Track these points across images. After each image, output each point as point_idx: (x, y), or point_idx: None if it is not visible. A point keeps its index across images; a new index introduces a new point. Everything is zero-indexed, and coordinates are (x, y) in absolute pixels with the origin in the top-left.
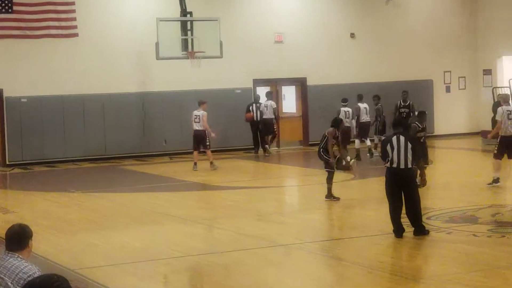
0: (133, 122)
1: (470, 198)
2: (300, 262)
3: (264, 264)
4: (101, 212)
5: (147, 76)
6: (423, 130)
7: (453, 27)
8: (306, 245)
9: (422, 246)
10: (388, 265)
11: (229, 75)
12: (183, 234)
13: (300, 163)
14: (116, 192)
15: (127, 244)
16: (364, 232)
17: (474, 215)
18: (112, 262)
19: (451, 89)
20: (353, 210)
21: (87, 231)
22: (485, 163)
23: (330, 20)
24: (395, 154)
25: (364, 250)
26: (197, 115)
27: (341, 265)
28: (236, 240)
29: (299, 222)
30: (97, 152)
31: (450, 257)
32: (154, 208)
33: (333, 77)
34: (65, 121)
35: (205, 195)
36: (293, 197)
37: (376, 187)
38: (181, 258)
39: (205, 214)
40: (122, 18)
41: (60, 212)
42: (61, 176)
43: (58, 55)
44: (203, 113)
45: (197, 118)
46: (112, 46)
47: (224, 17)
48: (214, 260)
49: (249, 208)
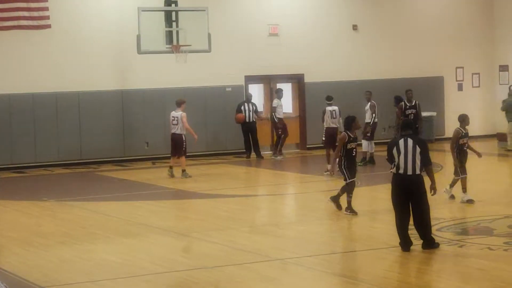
0: (112, 123)
1: (485, 207)
2: (297, 279)
3: (258, 281)
4: (76, 223)
5: (127, 72)
6: (466, 136)
7: (466, 18)
8: (304, 259)
9: (432, 261)
10: (394, 282)
11: (218, 71)
12: (167, 247)
13: (297, 169)
14: (93, 200)
15: (105, 259)
16: (369, 246)
17: (488, 227)
18: (88, 279)
19: (464, 87)
20: (356, 221)
21: (61, 245)
22: (502, 169)
23: (330, 11)
24: (401, 159)
25: (368, 266)
26: (175, 117)
27: (342, 282)
28: (227, 254)
29: (296, 234)
30: (72, 156)
31: (463, 273)
32: (135, 218)
33: (333, 74)
34: (36, 121)
35: (192, 204)
36: (290, 206)
37: (381, 196)
38: (165, 274)
39: (192, 226)
40: (99, 7)
41: (31, 223)
42: (32, 183)
43: (29, 48)
44: (181, 114)
45: (175, 120)
46: (88, 39)
47: (213, 7)
48: (202, 277)
49: (242, 219)
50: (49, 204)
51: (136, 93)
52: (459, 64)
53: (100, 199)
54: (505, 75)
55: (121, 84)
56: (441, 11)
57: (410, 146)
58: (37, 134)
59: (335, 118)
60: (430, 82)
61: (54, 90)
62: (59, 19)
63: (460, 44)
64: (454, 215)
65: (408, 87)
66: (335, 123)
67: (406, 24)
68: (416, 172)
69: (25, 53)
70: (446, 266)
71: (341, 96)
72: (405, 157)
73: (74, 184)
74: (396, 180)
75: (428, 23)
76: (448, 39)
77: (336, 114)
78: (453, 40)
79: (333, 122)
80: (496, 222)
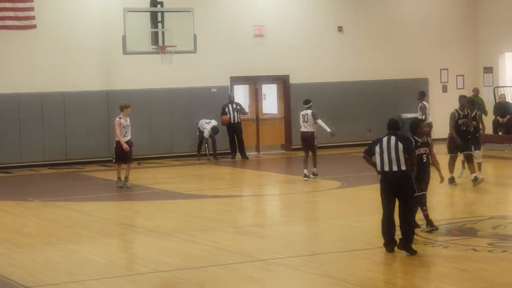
0: (97, 124)
1: (469, 208)
2: (281, 279)
3: (242, 281)
4: (61, 224)
5: (112, 72)
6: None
7: (450, 20)
8: (289, 260)
9: (417, 262)
10: (379, 283)
11: (204, 72)
12: (152, 247)
13: (282, 170)
14: (78, 201)
15: (90, 259)
16: (353, 246)
17: (473, 228)
18: (73, 279)
19: (448, 89)
20: (340, 222)
21: (46, 245)
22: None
23: (316, 12)
24: (385, 156)
25: (353, 266)
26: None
27: (327, 283)
28: (211, 255)
29: (281, 235)
30: (57, 156)
31: (447, 274)
32: (120, 219)
33: (318, 75)
34: (21, 121)
35: (177, 205)
36: (275, 207)
37: (368, 197)
38: (149, 275)
39: (177, 226)
40: (85, 8)
41: (16, 223)
42: (17, 184)
43: (14, 48)
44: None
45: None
46: (74, 39)
47: (199, 8)
48: (187, 277)
49: (226, 220)
50: (34, 204)
51: (121, 93)
52: (443, 65)
53: (85, 199)
54: (490, 77)
55: (106, 85)
56: (426, 13)
57: (392, 143)
58: (22, 134)
59: (306, 122)
60: (414, 83)
61: (39, 90)
62: (45, 20)
63: (445, 46)
64: (438, 216)
65: (392, 89)
66: (308, 127)
67: (391, 26)
68: (402, 168)
69: (10, 53)
70: (431, 267)
71: (326, 98)
72: (388, 153)
73: (59, 184)
74: (382, 178)
75: (413, 25)
76: (432, 41)
77: (308, 118)
78: (438, 42)
79: (305, 126)
80: (480, 223)
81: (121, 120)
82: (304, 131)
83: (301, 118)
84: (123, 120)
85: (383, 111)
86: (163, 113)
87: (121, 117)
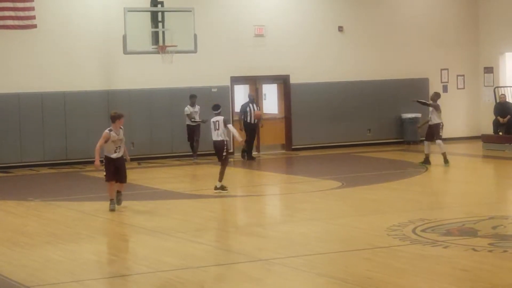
0: (97, 123)
1: (469, 208)
2: (281, 279)
3: (243, 281)
4: (61, 223)
5: (113, 72)
6: None
7: (451, 20)
8: (289, 260)
9: (417, 262)
10: (378, 282)
11: (204, 72)
12: (152, 247)
13: (283, 170)
14: (79, 200)
15: (90, 259)
16: (353, 246)
17: (473, 228)
18: (73, 279)
19: (449, 89)
20: (340, 222)
21: (46, 244)
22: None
23: (316, 12)
24: None
25: (352, 266)
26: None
27: (327, 283)
28: (211, 255)
29: (281, 235)
30: (58, 156)
31: (447, 274)
32: (120, 219)
33: (319, 75)
34: (21, 121)
35: (177, 205)
36: (275, 207)
37: (366, 196)
38: (149, 274)
39: (177, 226)
40: (85, 8)
41: (17, 223)
42: (17, 183)
43: (14, 48)
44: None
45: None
46: (74, 39)
47: (199, 8)
48: (187, 277)
49: (226, 219)
50: (34, 204)
51: (122, 93)
52: (444, 66)
53: (86, 199)
54: (490, 77)
55: (107, 85)
56: (427, 13)
57: None
58: (23, 134)
59: (218, 130)
60: (415, 83)
61: (39, 90)
62: (45, 19)
63: (445, 46)
64: (438, 216)
65: (393, 88)
66: (219, 136)
67: (392, 26)
68: None
69: (10, 53)
70: (431, 266)
71: (326, 97)
72: None
73: (60, 184)
74: None
75: (414, 25)
76: (433, 41)
77: (220, 126)
78: (438, 42)
79: (217, 135)
80: (480, 223)
81: (111, 133)
82: (215, 140)
83: (212, 126)
84: (113, 133)
85: (383, 111)
86: (164, 113)
87: (111, 129)
